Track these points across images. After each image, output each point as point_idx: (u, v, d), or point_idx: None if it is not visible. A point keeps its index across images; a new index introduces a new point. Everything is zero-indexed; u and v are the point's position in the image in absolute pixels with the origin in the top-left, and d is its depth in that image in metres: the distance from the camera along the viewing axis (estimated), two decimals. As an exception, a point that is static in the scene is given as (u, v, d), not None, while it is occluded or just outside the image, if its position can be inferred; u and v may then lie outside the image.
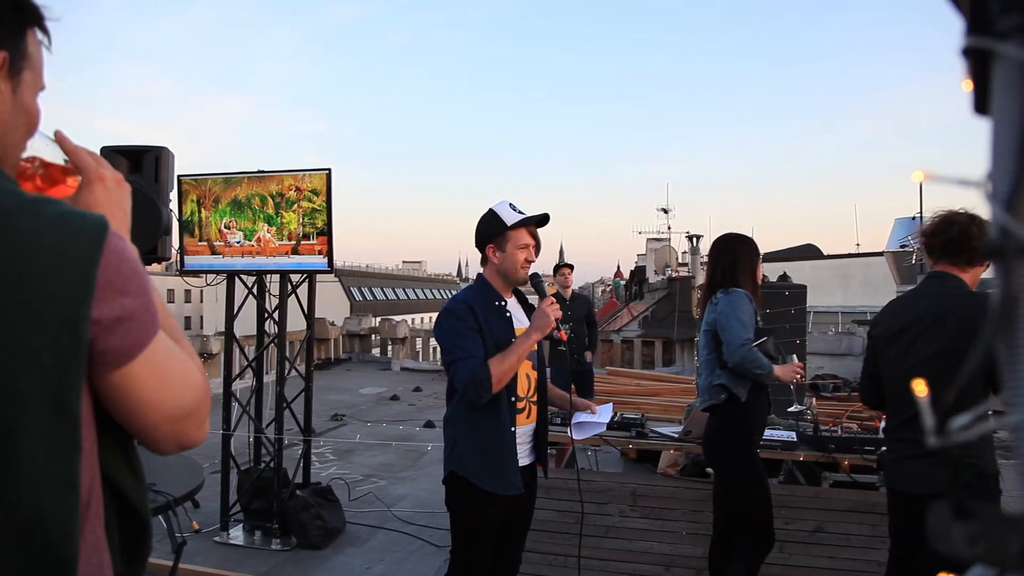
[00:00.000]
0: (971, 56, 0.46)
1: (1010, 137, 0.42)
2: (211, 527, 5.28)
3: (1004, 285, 0.40)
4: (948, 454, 0.46)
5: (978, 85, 0.46)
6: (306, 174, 5.08)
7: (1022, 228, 0.40)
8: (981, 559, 0.48)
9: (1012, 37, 0.43)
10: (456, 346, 2.72)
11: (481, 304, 2.82)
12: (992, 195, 0.42)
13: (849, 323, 16.84)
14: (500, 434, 2.79)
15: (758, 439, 3.42)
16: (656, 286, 23.19)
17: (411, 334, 17.54)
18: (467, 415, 2.81)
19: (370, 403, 11.95)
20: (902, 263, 13.92)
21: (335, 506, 5.35)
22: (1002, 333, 0.41)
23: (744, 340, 3.29)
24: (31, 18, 1.02)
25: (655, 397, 8.07)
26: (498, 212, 2.88)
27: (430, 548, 5.07)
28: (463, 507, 2.87)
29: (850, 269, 25.81)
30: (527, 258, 2.88)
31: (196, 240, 5.24)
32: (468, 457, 2.81)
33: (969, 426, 0.44)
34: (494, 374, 2.65)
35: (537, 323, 2.77)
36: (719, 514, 3.59)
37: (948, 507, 0.49)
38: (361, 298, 53.56)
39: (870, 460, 4.10)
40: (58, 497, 0.95)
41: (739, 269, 3.47)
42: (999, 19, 0.44)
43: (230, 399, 5.37)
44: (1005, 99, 0.43)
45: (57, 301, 0.91)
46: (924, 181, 0.45)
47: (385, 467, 7.45)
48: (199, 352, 12.45)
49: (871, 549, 3.93)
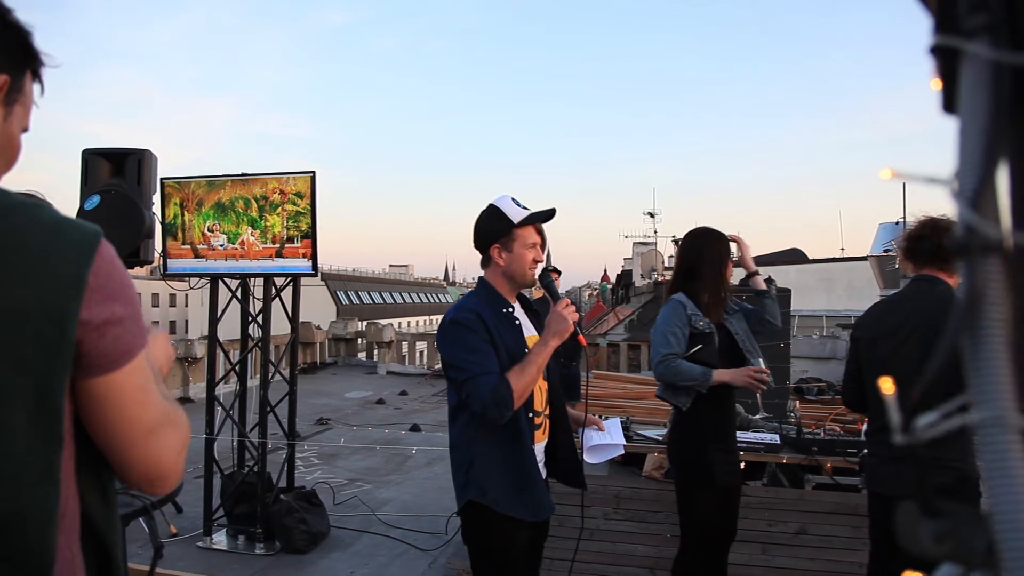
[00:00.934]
0: (939, 55, 0.46)
1: (976, 136, 0.42)
2: (194, 532, 5.25)
3: (969, 283, 0.41)
4: (914, 452, 0.46)
5: (947, 84, 0.46)
6: (290, 177, 5.06)
7: (987, 226, 0.41)
8: (948, 557, 0.48)
9: (979, 36, 0.44)
10: (469, 361, 2.44)
11: (489, 312, 2.55)
12: (959, 193, 0.42)
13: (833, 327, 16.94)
14: (523, 454, 2.52)
15: (716, 445, 3.22)
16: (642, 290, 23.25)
17: (397, 338, 17.49)
18: (482, 436, 2.51)
19: (355, 407, 11.90)
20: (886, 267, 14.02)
21: (319, 510, 5.32)
22: (967, 330, 0.41)
23: (663, 356, 3.20)
24: (33, 61, 1.07)
25: (641, 400, 8.07)
26: (502, 208, 2.61)
27: (415, 552, 5.05)
28: (490, 540, 2.56)
29: (834, 273, 25.97)
30: (535, 258, 2.62)
31: (179, 243, 5.21)
32: (490, 483, 2.51)
33: (935, 424, 0.44)
34: (515, 389, 2.38)
35: (554, 327, 2.49)
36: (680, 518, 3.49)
37: (916, 506, 0.50)
38: (347, 302, 53.38)
39: (852, 462, 4.13)
40: (37, 493, 0.95)
41: (701, 268, 3.31)
42: (966, 18, 0.44)
43: (213, 403, 5.34)
44: (972, 98, 0.43)
45: (46, 297, 0.93)
46: (892, 179, 0.45)
47: (370, 471, 7.42)
48: (183, 356, 12.38)
49: (853, 551, 3.95)
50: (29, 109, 1.10)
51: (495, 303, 2.61)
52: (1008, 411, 0.39)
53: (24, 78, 1.07)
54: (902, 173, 0.45)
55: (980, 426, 0.39)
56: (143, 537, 4.07)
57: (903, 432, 0.44)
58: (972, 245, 0.40)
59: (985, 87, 0.42)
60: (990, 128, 0.42)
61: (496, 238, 2.61)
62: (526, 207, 2.62)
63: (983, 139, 0.42)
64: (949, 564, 0.49)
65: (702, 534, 3.31)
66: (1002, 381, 0.40)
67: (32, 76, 1.09)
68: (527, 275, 2.61)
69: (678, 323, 3.24)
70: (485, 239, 2.64)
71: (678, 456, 3.38)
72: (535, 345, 2.50)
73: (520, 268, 2.60)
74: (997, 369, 0.40)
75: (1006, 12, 0.43)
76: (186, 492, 5.40)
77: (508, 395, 2.36)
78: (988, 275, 0.40)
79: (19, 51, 1.05)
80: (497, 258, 2.61)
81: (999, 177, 0.43)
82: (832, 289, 25.33)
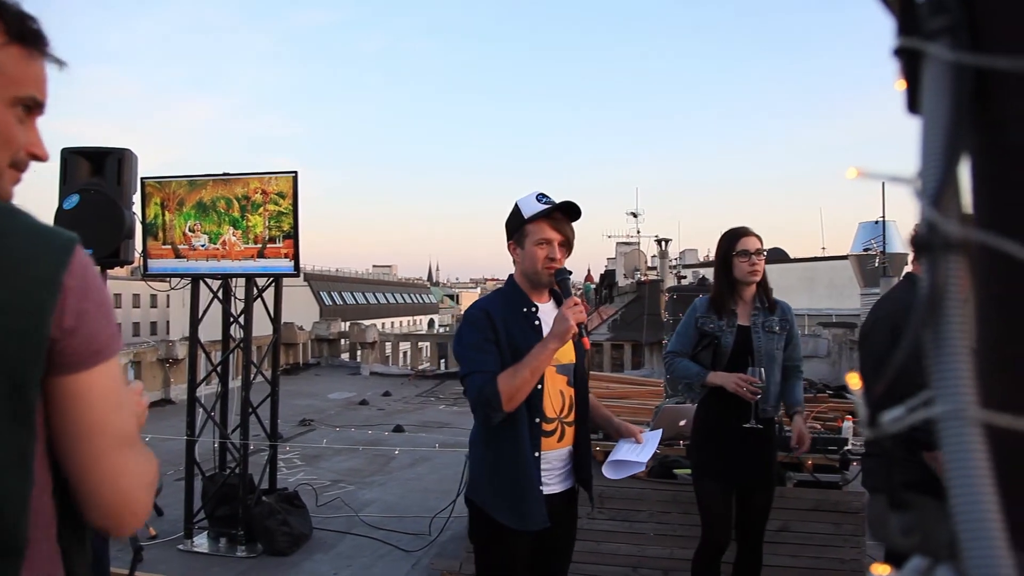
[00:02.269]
0: (902, 56, 0.47)
1: (938, 136, 0.43)
2: (175, 534, 5.21)
3: (931, 278, 0.41)
4: (881, 445, 0.47)
5: (910, 85, 0.47)
6: (272, 177, 5.04)
7: (948, 224, 0.41)
8: (915, 549, 0.49)
9: (940, 38, 0.44)
10: (468, 358, 2.41)
11: (504, 310, 2.49)
12: (921, 192, 0.43)
13: (815, 325, 17.08)
14: (518, 460, 2.43)
15: (717, 441, 3.32)
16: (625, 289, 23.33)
17: (380, 338, 17.46)
18: (484, 436, 2.50)
19: (339, 408, 11.87)
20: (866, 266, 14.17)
21: (302, 512, 5.30)
22: (929, 325, 0.41)
23: (666, 353, 3.45)
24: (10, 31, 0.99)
25: (624, 400, 8.12)
26: (519, 204, 2.53)
27: (398, 553, 5.04)
28: (484, 539, 2.55)
29: (816, 272, 26.22)
30: (549, 255, 2.47)
31: (160, 243, 5.17)
32: (481, 485, 2.51)
33: (901, 418, 0.45)
34: (503, 391, 2.30)
35: (556, 328, 2.37)
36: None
37: (885, 498, 0.50)
38: (331, 302, 53.19)
39: (833, 460, 4.16)
40: (11, 478, 0.98)
41: (715, 270, 3.46)
42: (927, 20, 0.45)
43: (195, 404, 5.30)
44: (933, 99, 0.44)
45: (23, 296, 0.97)
46: (858, 178, 0.45)
47: (353, 472, 7.40)
48: (164, 357, 12.29)
49: (834, 547, 3.99)
50: (12, 78, 1.01)
51: (516, 302, 2.55)
52: (968, 404, 0.40)
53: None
54: (868, 172, 0.46)
55: (941, 419, 0.40)
56: (123, 539, 4.04)
57: (870, 427, 0.45)
58: (934, 242, 0.41)
59: (946, 88, 0.43)
60: (951, 128, 0.43)
61: (512, 235, 2.56)
62: (551, 202, 2.50)
63: (944, 139, 0.43)
64: (918, 556, 0.50)
65: (704, 526, 3.41)
66: (962, 375, 0.40)
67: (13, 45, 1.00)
68: (539, 273, 2.50)
69: (687, 324, 3.41)
70: (507, 236, 2.59)
71: (690, 448, 3.59)
72: (535, 347, 2.38)
73: (532, 265, 2.49)
74: (958, 363, 0.41)
75: (966, 14, 0.44)
76: (167, 494, 5.37)
77: (494, 396, 2.29)
78: (949, 271, 0.41)
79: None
80: (514, 255, 2.56)
81: (960, 176, 0.44)
82: (814, 288, 25.57)
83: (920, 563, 0.50)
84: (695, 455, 3.46)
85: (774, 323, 3.33)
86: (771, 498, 3.43)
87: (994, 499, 0.39)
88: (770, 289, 3.40)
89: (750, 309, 3.34)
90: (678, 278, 22.45)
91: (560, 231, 2.49)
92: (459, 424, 10.14)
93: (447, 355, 18.94)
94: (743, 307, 3.35)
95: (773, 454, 3.43)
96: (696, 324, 3.37)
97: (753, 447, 3.29)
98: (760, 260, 3.28)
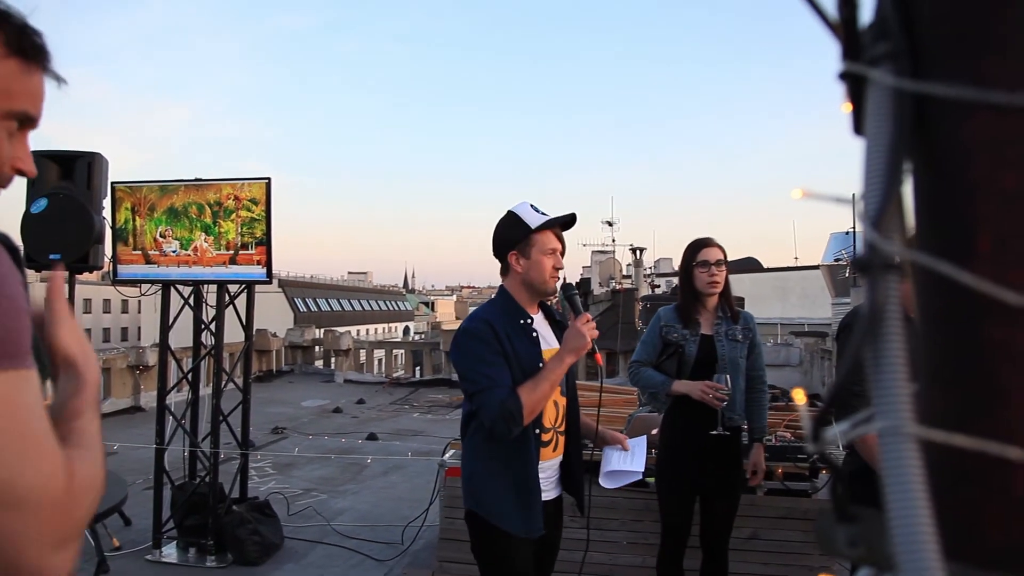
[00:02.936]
0: (848, 80, 0.48)
1: (879, 159, 0.44)
2: (143, 544, 5.14)
3: (871, 297, 0.43)
4: (826, 460, 0.48)
5: (856, 108, 0.49)
6: (245, 183, 5.01)
7: (888, 244, 0.43)
8: (862, 560, 0.50)
9: (882, 64, 0.46)
10: (480, 374, 2.39)
11: (504, 322, 2.48)
12: (863, 213, 0.44)
13: (787, 334, 17.27)
14: (525, 471, 2.47)
15: (683, 449, 3.35)
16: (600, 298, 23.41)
17: (355, 346, 17.39)
18: (487, 449, 2.49)
19: (312, 416, 11.80)
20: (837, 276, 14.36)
21: (273, 521, 5.26)
22: (869, 343, 0.43)
23: (631, 363, 3.47)
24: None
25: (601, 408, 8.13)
26: (519, 214, 2.54)
27: (370, 562, 5.02)
28: (491, 552, 2.53)
29: (788, 282, 26.53)
30: (555, 265, 2.53)
31: (130, 249, 5.12)
32: (488, 496, 2.49)
33: (848, 433, 0.46)
34: (525, 405, 2.31)
35: (572, 344, 2.42)
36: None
37: (832, 511, 0.52)
38: (305, 309, 52.83)
39: (803, 468, 4.20)
40: None
41: (679, 279, 3.52)
42: (870, 46, 0.47)
43: (164, 412, 5.24)
44: (876, 122, 0.45)
45: None
46: (802, 198, 0.47)
47: (326, 480, 7.35)
48: (134, 364, 12.11)
49: (804, 555, 4.03)
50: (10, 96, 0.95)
51: (512, 313, 2.54)
52: (905, 421, 0.41)
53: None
54: (812, 193, 0.47)
55: (880, 435, 0.41)
56: (88, 550, 3.98)
57: (814, 441, 0.46)
58: (873, 262, 0.43)
59: (888, 112, 0.45)
60: (891, 151, 0.44)
61: (513, 244, 2.54)
62: (545, 213, 2.55)
63: (885, 162, 0.44)
64: (865, 567, 0.52)
65: (664, 532, 3.47)
66: (900, 392, 0.42)
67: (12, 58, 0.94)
68: (547, 283, 2.54)
69: (652, 333, 3.44)
70: (503, 246, 2.57)
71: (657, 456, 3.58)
72: (550, 360, 2.43)
73: (539, 275, 2.52)
74: (896, 380, 0.42)
75: (907, 41, 0.46)
76: (135, 503, 5.30)
77: (517, 410, 2.30)
78: (888, 291, 0.43)
79: None
80: (515, 265, 2.54)
81: (901, 198, 0.45)
82: (786, 297, 25.87)
83: (868, 574, 0.51)
84: (659, 463, 3.48)
85: (736, 332, 3.38)
86: (735, 505, 3.47)
87: (929, 511, 0.40)
88: (733, 299, 3.45)
89: (713, 318, 3.39)
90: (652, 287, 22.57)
91: (561, 241, 2.58)
92: (433, 432, 10.12)
93: (422, 363, 18.89)
94: (706, 316, 3.40)
95: (738, 462, 3.46)
96: (660, 333, 3.41)
97: (719, 455, 3.33)
98: (720, 271, 3.33)
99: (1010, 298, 0.43)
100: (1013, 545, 0.44)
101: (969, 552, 0.45)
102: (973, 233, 0.44)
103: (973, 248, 0.44)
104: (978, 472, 0.45)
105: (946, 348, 0.46)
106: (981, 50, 0.44)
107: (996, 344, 0.44)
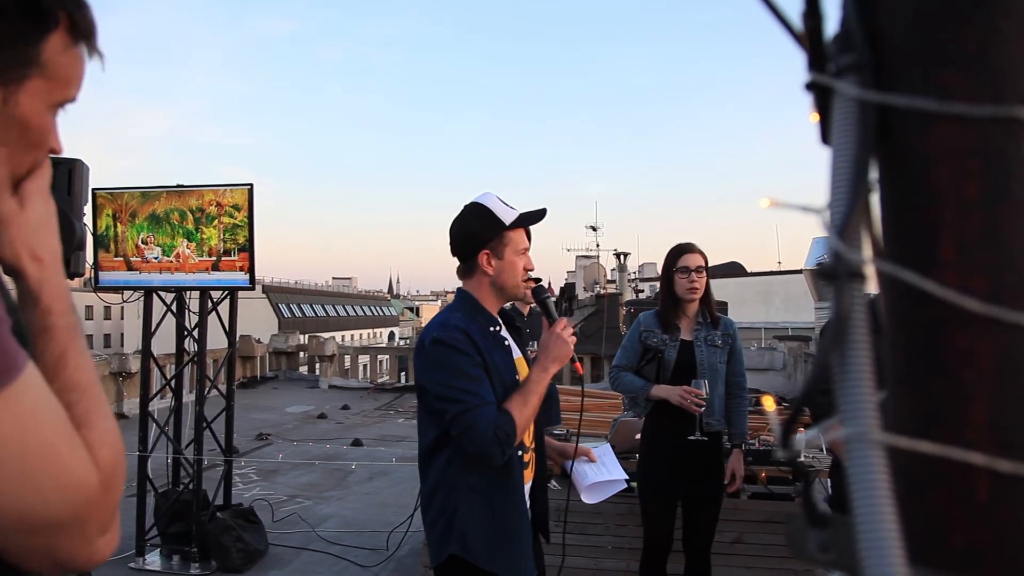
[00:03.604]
0: (815, 90, 0.49)
1: (845, 169, 0.45)
2: (126, 552, 5.09)
3: (836, 306, 0.43)
4: (795, 465, 0.49)
5: (823, 118, 0.49)
6: (227, 189, 5.00)
7: (853, 253, 0.43)
8: (833, 565, 0.51)
9: (847, 75, 0.47)
10: (463, 391, 2.03)
11: (475, 330, 2.14)
12: (829, 222, 0.45)
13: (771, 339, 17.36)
14: (515, 498, 2.16)
15: (662, 454, 3.38)
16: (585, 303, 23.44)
17: (340, 351, 17.33)
18: (468, 477, 2.10)
19: (296, 422, 11.74)
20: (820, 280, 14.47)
21: (257, 528, 5.23)
22: (835, 351, 0.43)
23: (612, 367, 3.53)
24: (52, 22, 0.87)
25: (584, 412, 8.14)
26: (490, 207, 2.21)
27: (355, 569, 5.00)
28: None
29: (772, 286, 26.69)
30: (527, 267, 2.24)
31: (112, 255, 5.08)
32: (476, 536, 2.09)
33: (815, 439, 0.46)
34: (519, 424, 2.03)
35: (555, 352, 2.16)
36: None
37: (803, 516, 0.52)
38: (289, 315, 52.56)
39: (786, 472, 4.22)
40: None
41: (660, 284, 3.53)
42: (836, 58, 0.47)
43: (147, 419, 5.21)
44: (841, 133, 0.46)
45: None
46: (770, 208, 0.47)
47: (310, 487, 7.32)
48: (117, 371, 12.00)
49: (788, 559, 4.04)
50: (63, 80, 0.90)
51: (481, 320, 2.20)
52: (870, 427, 0.42)
53: (39, 46, 0.86)
54: (780, 202, 0.47)
55: (846, 441, 0.42)
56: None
57: (783, 448, 0.46)
58: (839, 271, 0.43)
59: (853, 123, 0.45)
60: (856, 161, 0.45)
61: (485, 243, 2.20)
62: (512, 206, 2.24)
63: (850, 171, 0.45)
64: (837, 572, 0.52)
65: (647, 536, 3.49)
66: (866, 399, 0.42)
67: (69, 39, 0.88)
68: (520, 287, 2.24)
69: (632, 338, 3.47)
70: (470, 244, 2.23)
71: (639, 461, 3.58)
72: (533, 371, 2.16)
73: (512, 278, 2.22)
74: (861, 387, 0.43)
75: (871, 53, 0.47)
76: (117, 512, 5.25)
77: (512, 431, 2.01)
78: (853, 299, 0.43)
79: (19, 19, 0.84)
80: (486, 266, 2.20)
81: (866, 208, 0.46)
82: (770, 301, 26.02)
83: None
84: (640, 467, 3.50)
85: (716, 337, 3.40)
86: (717, 510, 3.49)
87: (895, 516, 0.41)
88: (714, 304, 3.46)
89: (693, 324, 3.41)
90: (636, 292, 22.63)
91: (530, 238, 2.29)
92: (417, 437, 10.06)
93: (407, 368, 18.85)
94: (686, 322, 3.41)
95: (719, 467, 3.47)
96: (640, 338, 3.43)
97: (699, 460, 3.35)
98: (700, 277, 3.33)
99: (973, 305, 0.43)
100: (977, 549, 0.44)
101: (934, 556, 0.45)
102: (936, 241, 0.45)
103: (936, 256, 0.45)
104: (943, 477, 0.45)
105: (911, 355, 0.47)
106: (943, 62, 0.45)
107: (960, 351, 0.45)
